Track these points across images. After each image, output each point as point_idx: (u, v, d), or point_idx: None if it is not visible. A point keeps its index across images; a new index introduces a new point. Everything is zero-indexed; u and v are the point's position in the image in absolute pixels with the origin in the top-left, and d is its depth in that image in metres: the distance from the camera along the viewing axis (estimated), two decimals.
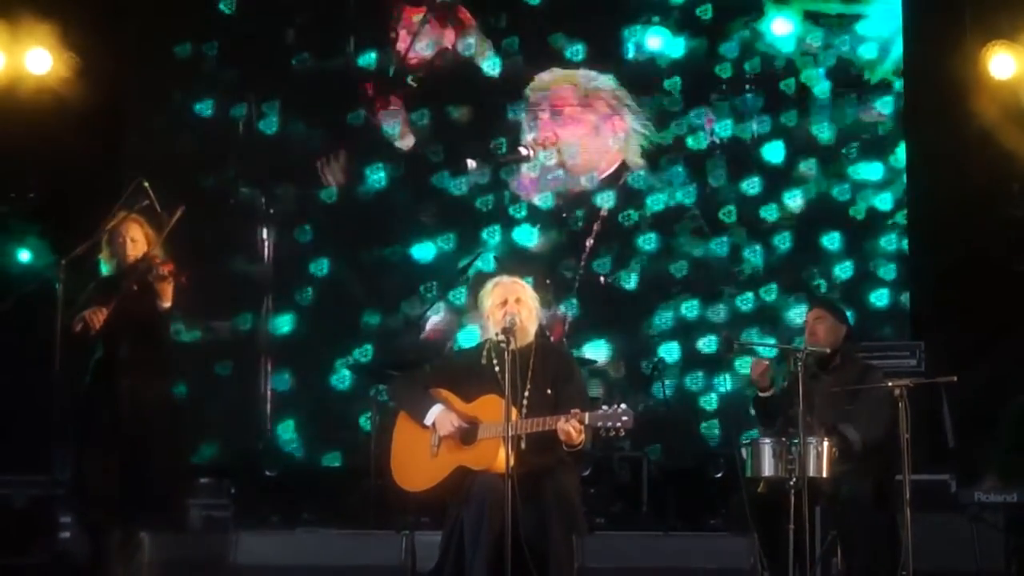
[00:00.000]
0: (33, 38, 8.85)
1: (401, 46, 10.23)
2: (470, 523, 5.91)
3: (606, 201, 9.98)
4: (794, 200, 9.82)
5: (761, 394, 6.84)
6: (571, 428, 5.87)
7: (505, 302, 6.18)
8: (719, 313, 9.78)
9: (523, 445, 5.93)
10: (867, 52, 9.86)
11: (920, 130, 9.61)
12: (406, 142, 10.17)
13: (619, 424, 5.84)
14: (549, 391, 6.12)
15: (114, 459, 6.78)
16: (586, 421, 5.89)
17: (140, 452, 6.80)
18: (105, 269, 7.03)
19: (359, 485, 8.65)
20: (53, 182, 9.38)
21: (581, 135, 10.09)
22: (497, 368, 6.09)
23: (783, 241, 9.81)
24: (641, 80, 10.06)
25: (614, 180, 10.01)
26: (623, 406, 5.87)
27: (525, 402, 6.06)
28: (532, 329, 6.24)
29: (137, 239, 6.96)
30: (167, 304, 6.84)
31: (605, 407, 5.90)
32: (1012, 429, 7.74)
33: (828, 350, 6.95)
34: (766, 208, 9.83)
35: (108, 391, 6.82)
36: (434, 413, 6.14)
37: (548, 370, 6.19)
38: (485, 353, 6.24)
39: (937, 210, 9.41)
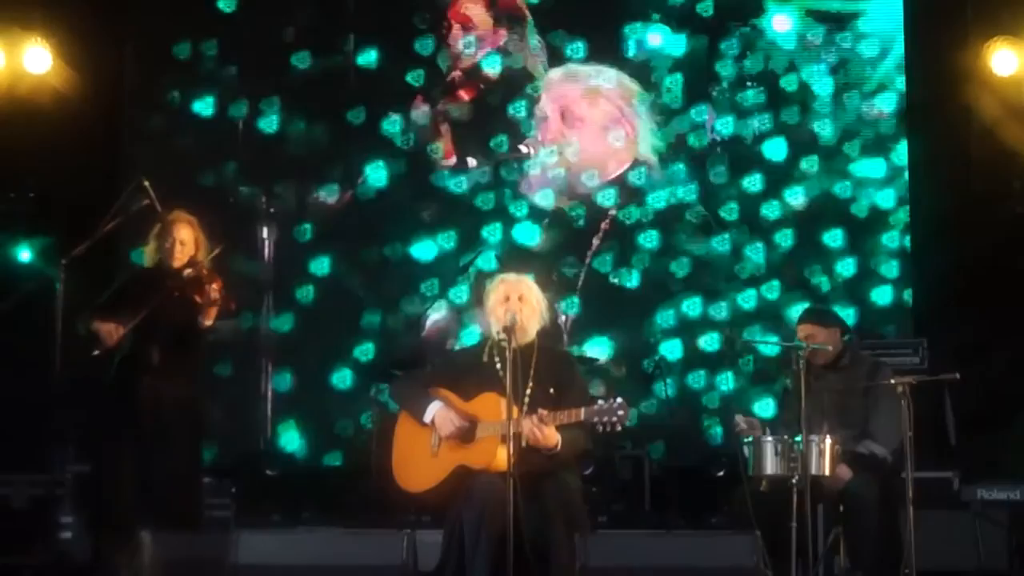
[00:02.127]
0: (32, 37, 8.85)
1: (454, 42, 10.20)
2: (470, 523, 5.90)
3: (608, 199, 9.96)
4: (796, 197, 9.80)
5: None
6: (536, 429, 5.83)
7: (507, 299, 6.17)
8: (721, 311, 9.76)
9: (524, 444, 5.90)
10: (868, 49, 9.83)
11: (922, 127, 9.60)
12: (449, 161, 10.13)
13: (615, 419, 5.83)
14: (551, 391, 6.10)
15: (129, 459, 6.76)
16: (583, 416, 5.87)
17: (157, 454, 6.78)
18: (142, 261, 6.99)
19: (360, 484, 8.64)
20: (53, 181, 9.37)
21: (586, 133, 10.07)
22: (499, 366, 6.07)
23: (785, 238, 9.79)
24: (642, 77, 10.04)
25: (617, 179, 10.00)
26: (619, 400, 5.86)
27: (526, 400, 6.04)
28: (533, 328, 6.22)
29: (187, 242, 6.93)
30: (208, 323, 6.81)
31: (601, 401, 5.89)
32: None
33: (830, 347, 6.95)
34: (768, 205, 9.82)
35: (130, 390, 6.79)
36: (432, 411, 6.12)
37: (551, 371, 6.17)
38: (487, 351, 6.23)
39: (939, 207, 9.40)
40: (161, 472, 6.78)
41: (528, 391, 6.06)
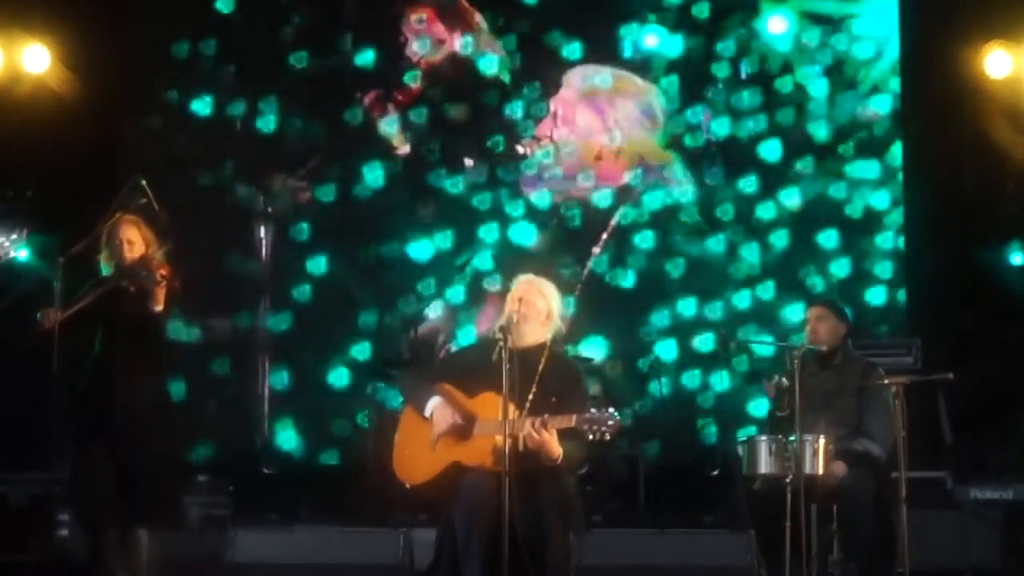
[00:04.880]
0: (31, 36, 8.87)
1: (410, 50, 10.25)
2: (460, 521, 5.92)
3: (603, 200, 9.99)
4: (791, 198, 9.83)
5: (779, 414, 6.81)
6: (535, 433, 5.86)
7: (517, 300, 6.21)
8: (716, 311, 9.80)
9: (521, 446, 5.92)
10: (863, 51, 9.87)
11: (916, 128, 9.63)
12: (403, 149, 10.19)
13: (605, 428, 5.83)
14: (554, 399, 6.09)
15: (108, 458, 6.79)
16: (573, 423, 5.89)
17: (133, 451, 6.81)
18: (105, 271, 7.04)
19: (357, 483, 8.67)
20: (51, 180, 9.39)
21: (581, 133, 10.11)
22: (506, 367, 6.07)
23: (780, 239, 9.83)
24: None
25: (613, 179, 10.03)
26: (610, 410, 5.87)
27: (528, 404, 6.05)
28: (532, 332, 6.20)
29: (134, 241, 6.96)
30: (158, 307, 6.84)
31: (594, 410, 5.90)
32: None
33: (825, 348, 6.97)
34: (763, 206, 9.85)
35: (102, 390, 6.83)
36: (432, 405, 6.14)
37: (556, 381, 6.16)
38: (496, 350, 6.21)
39: (933, 208, 9.44)
40: (137, 467, 6.80)
41: (531, 396, 6.08)
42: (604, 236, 9.94)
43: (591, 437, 5.87)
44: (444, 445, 6.10)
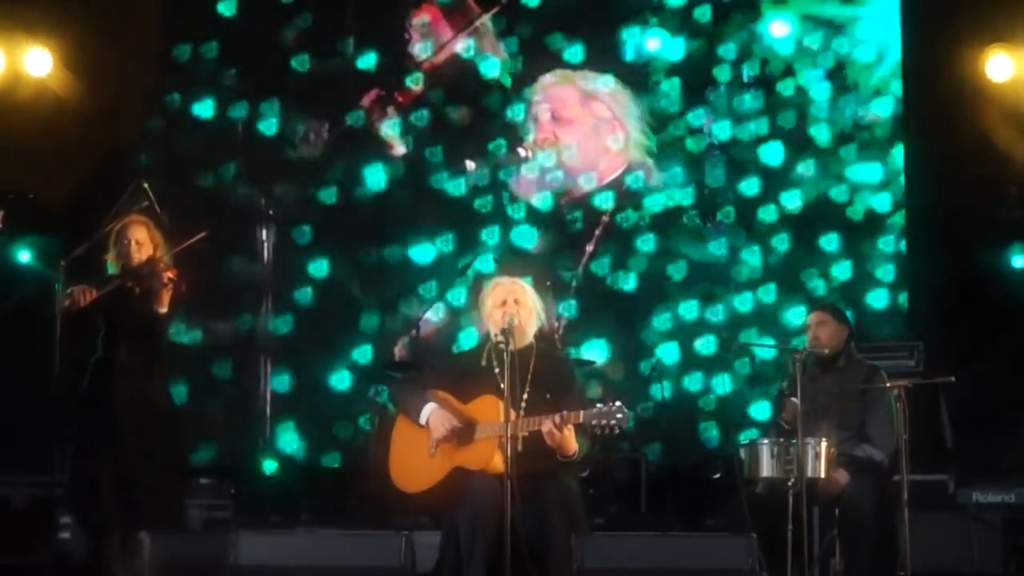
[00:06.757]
0: (33, 39, 8.89)
1: (412, 52, 10.26)
2: (465, 525, 5.92)
3: (605, 202, 10.00)
4: (792, 201, 9.83)
5: (785, 426, 6.79)
6: (556, 430, 5.86)
7: (504, 303, 6.20)
8: (718, 314, 9.79)
9: (520, 447, 5.92)
10: (865, 54, 9.87)
11: (918, 131, 9.62)
12: (398, 150, 10.21)
13: (614, 422, 5.85)
14: (548, 395, 6.12)
15: (109, 460, 6.79)
16: (581, 419, 5.89)
17: (134, 454, 6.81)
18: (112, 271, 7.05)
19: (358, 485, 8.67)
20: (53, 183, 9.40)
21: (579, 136, 10.11)
22: (497, 370, 6.09)
23: (781, 242, 9.82)
24: (639, 81, 10.08)
25: (614, 182, 10.04)
26: (618, 403, 5.88)
27: (523, 404, 6.06)
28: (531, 330, 6.25)
29: (142, 242, 6.96)
30: (163, 309, 6.84)
31: (600, 405, 5.91)
32: None
33: (827, 351, 6.97)
34: (764, 209, 9.85)
35: (106, 391, 6.84)
36: (427, 412, 6.14)
37: (548, 374, 6.19)
38: (485, 354, 6.25)
39: (935, 211, 9.43)
40: (139, 470, 6.81)
41: (525, 395, 6.09)
42: (597, 232, 9.94)
43: (598, 432, 5.88)
44: (444, 451, 6.10)
